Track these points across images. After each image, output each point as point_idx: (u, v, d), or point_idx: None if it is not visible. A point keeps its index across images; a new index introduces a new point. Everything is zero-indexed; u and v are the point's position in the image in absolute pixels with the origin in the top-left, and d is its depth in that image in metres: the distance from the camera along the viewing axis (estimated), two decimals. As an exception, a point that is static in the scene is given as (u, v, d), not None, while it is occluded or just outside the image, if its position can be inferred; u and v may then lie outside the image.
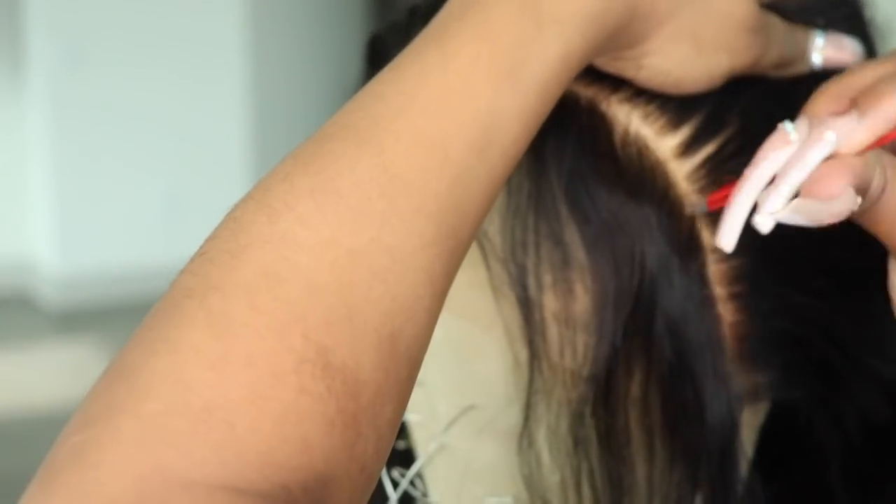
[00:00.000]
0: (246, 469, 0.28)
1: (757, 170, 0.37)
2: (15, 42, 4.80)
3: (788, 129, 0.37)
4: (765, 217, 0.36)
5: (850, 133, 0.36)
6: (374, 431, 0.31)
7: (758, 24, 0.42)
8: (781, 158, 0.37)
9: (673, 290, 0.42)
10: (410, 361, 0.33)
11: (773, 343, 0.44)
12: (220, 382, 0.29)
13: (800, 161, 0.36)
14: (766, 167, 0.37)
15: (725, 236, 0.38)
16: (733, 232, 0.38)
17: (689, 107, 0.43)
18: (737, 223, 0.38)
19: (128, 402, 0.28)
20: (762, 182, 0.37)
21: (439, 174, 0.34)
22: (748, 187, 0.37)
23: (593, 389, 0.43)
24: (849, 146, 0.37)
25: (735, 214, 0.38)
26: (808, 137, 0.36)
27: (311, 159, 0.33)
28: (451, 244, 0.34)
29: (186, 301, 0.30)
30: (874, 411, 0.46)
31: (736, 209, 0.38)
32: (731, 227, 0.38)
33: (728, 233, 0.38)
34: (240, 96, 4.90)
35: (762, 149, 0.38)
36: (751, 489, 0.45)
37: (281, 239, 0.31)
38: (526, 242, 0.43)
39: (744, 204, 0.37)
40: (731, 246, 0.38)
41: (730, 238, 0.38)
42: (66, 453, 0.28)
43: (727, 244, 0.38)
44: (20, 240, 4.95)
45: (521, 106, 0.36)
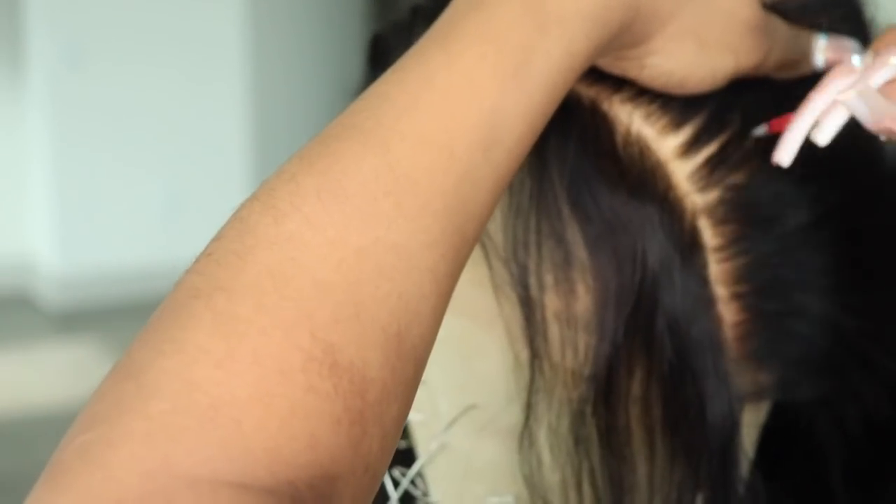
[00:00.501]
0: (252, 465, 0.28)
1: (821, 93, 0.38)
2: (15, 42, 4.80)
3: (855, 60, 0.38)
4: (825, 130, 0.37)
5: None
6: (380, 430, 0.31)
7: (761, 25, 0.42)
8: (846, 84, 0.38)
9: (674, 289, 0.42)
10: (416, 360, 0.33)
11: (776, 342, 0.44)
12: (226, 381, 0.29)
13: (864, 80, 0.37)
14: (830, 91, 0.38)
15: (783, 152, 0.39)
16: (792, 148, 0.39)
17: (691, 107, 0.43)
18: (796, 140, 0.39)
19: (135, 402, 0.29)
20: (824, 105, 0.38)
21: (445, 173, 0.34)
22: (812, 107, 0.38)
23: (594, 388, 0.43)
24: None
25: (796, 131, 0.38)
26: (874, 61, 0.37)
27: (316, 159, 0.33)
28: (456, 243, 0.34)
29: (193, 301, 0.31)
30: (876, 411, 0.46)
31: (798, 127, 0.38)
32: (791, 142, 0.39)
33: (786, 148, 0.39)
34: (240, 96, 4.90)
35: (827, 76, 0.38)
36: (752, 488, 0.45)
37: (287, 239, 0.31)
38: (528, 242, 0.43)
39: (804, 122, 0.38)
40: (789, 160, 0.39)
41: (787, 154, 0.39)
42: (74, 452, 0.28)
43: (784, 159, 0.39)
44: (20, 240, 4.95)
45: (526, 105, 0.36)
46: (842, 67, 0.38)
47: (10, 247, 4.95)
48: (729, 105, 0.43)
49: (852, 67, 0.38)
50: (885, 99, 0.36)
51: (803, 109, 0.38)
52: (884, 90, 0.37)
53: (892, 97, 0.36)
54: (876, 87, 0.37)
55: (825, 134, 0.37)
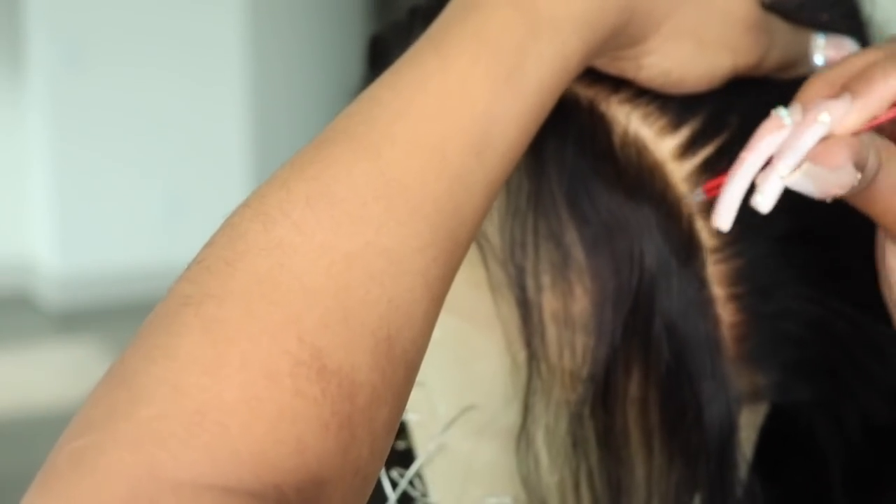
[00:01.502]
0: (238, 469, 0.28)
1: (752, 153, 0.38)
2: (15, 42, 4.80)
3: (782, 115, 0.38)
4: (765, 195, 0.37)
5: (844, 116, 0.37)
6: (370, 434, 0.31)
7: (759, 23, 0.42)
8: (776, 142, 0.37)
9: (672, 290, 0.42)
10: (407, 364, 0.33)
11: (773, 344, 0.44)
12: (213, 385, 0.29)
13: (796, 142, 0.37)
14: (761, 150, 0.38)
15: (722, 216, 0.38)
16: (729, 211, 0.38)
17: (689, 108, 0.43)
18: (733, 202, 0.38)
19: (125, 408, 0.29)
20: (757, 165, 0.38)
21: (437, 177, 0.34)
22: (744, 169, 0.38)
23: (592, 390, 0.43)
24: (842, 128, 0.37)
25: (731, 194, 0.38)
26: (803, 120, 0.37)
27: (307, 165, 0.34)
28: (448, 247, 0.34)
29: (183, 309, 0.31)
30: (874, 413, 0.46)
31: (732, 189, 0.38)
32: (728, 206, 0.38)
33: (724, 213, 0.38)
34: (240, 96, 4.90)
35: (756, 133, 0.38)
36: (750, 490, 0.45)
37: (277, 246, 0.32)
38: (525, 243, 0.43)
39: (739, 184, 0.38)
40: (728, 225, 0.38)
41: (726, 218, 0.38)
42: (65, 458, 0.28)
43: (724, 224, 0.38)
44: (20, 240, 4.95)
45: (520, 109, 0.36)
46: (770, 123, 0.38)
47: (10, 247, 4.95)
48: (727, 106, 0.43)
49: (781, 122, 0.37)
50: (828, 171, 0.36)
51: (737, 170, 0.38)
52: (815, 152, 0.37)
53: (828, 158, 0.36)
54: (808, 147, 0.37)
55: (767, 201, 0.37)
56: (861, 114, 0.37)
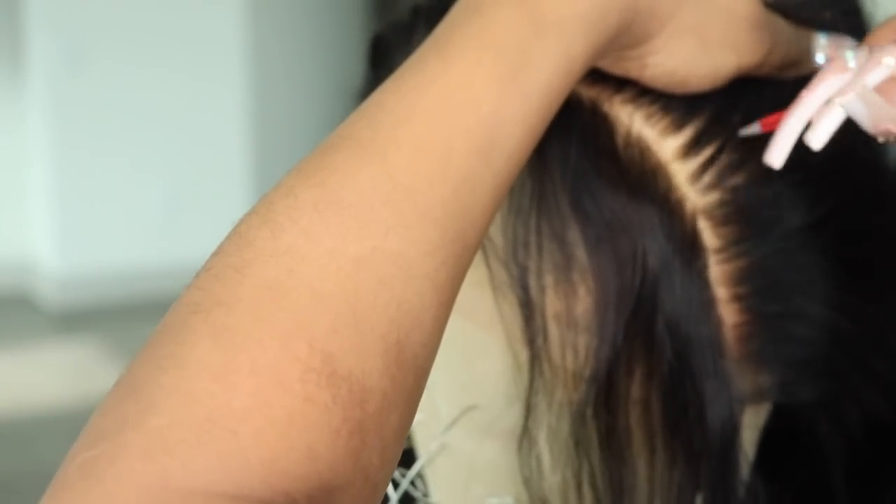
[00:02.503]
0: (249, 477, 0.28)
1: (813, 92, 0.37)
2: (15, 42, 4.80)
3: (848, 56, 0.37)
4: (818, 133, 0.36)
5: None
6: (380, 440, 0.31)
7: (762, 22, 0.42)
8: (837, 84, 0.37)
9: (674, 290, 0.42)
10: (417, 369, 0.33)
11: (776, 344, 0.44)
12: (223, 393, 0.29)
13: (858, 81, 0.36)
14: (822, 90, 0.37)
15: (775, 153, 0.38)
16: (784, 149, 0.38)
17: (692, 108, 0.43)
18: (788, 140, 0.38)
19: (135, 418, 0.29)
20: (816, 104, 0.37)
21: (443, 179, 0.34)
22: (802, 107, 0.37)
23: (594, 390, 0.43)
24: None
25: (787, 131, 0.38)
26: (867, 62, 0.36)
27: (313, 171, 0.33)
28: (457, 249, 0.34)
29: (192, 317, 0.31)
30: (876, 413, 0.46)
31: (788, 126, 0.38)
32: (783, 143, 0.38)
33: (778, 150, 0.38)
34: (240, 96, 4.90)
35: (819, 74, 0.38)
36: (752, 490, 0.45)
37: (285, 252, 0.31)
38: (528, 243, 0.43)
39: (796, 122, 0.38)
40: (781, 162, 0.38)
41: (779, 155, 0.38)
42: (75, 469, 0.28)
43: (777, 160, 0.38)
44: (20, 240, 4.95)
45: (525, 110, 0.36)
46: (834, 65, 0.37)
47: (10, 247, 4.95)
48: (730, 106, 0.43)
49: (845, 65, 0.37)
50: (883, 101, 0.35)
51: (795, 108, 0.38)
52: (879, 90, 0.36)
53: (889, 98, 0.35)
54: (870, 87, 0.36)
55: (820, 136, 0.36)
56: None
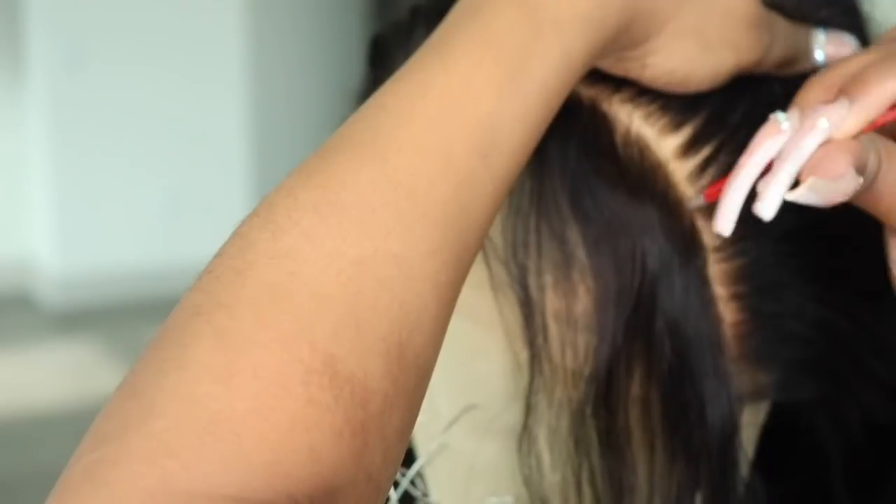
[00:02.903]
0: (251, 479, 0.28)
1: (752, 157, 0.38)
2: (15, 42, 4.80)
3: (781, 119, 0.38)
4: (765, 203, 0.37)
5: (842, 120, 0.37)
6: (382, 441, 0.31)
7: (760, 21, 0.42)
8: (775, 147, 0.37)
9: (674, 289, 0.42)
10: (419, 370, 0.33)
11: (775, 343, 0.44)
12: (226, 395, 0.29)
13: (796, 148, 0.37)
14: (760, 155, 0.38)
15: (722, 221, 0.38)
16: (730, 217, 0.38)
17: (691, 107, 0.43)
18: (733, 208, 0.38)
19: (138, 420, 0.29)
20: (757, 170, 0.38)
21: (443, 180, 0.34)
22: (744, 174, 0.38)
23: (594, 389, 0.43)
24: (842, 132, 0.37)
25: (731, 199, 0.38)
26: (802, 126, 0.37)
27: (314, 173, 0.34)
28: (457, 250, 0.34)
29: (194, 319, 0.31)
30: (876, 411, 0.46)
31: (731, 195, 0.38)
32: (728, 212, 0.38)
33: (725, 218, 0.38)
34: (240, 96, 4.90)
35: (755, 139, 0.38)
36: (751, 489, 0.45)
37: (286, 254, 0.32)
38: (527, 242, 0.43)
39: (740, 189, 0.38)
40: (729, 230, 0.38)
41: (727, 223, 0.38)
42: (79, 472, 0.28)
43: (724, 228, 0.38)
44: (20, 240, 4.95)
45: (524, 110, 0.36)
46: (768, 128, 0.38)
47: (10, 247, 4.95)
48: (728, 105, 0.43)
49: (779, 127, 0.38)
50: (831, 182, 0.36)
51: (736, 175, 0.38)
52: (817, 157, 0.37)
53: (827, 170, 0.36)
54: (809, 153, 0.37)
55: (769, 208, 0.37)
56: (859, 117, 0.37)
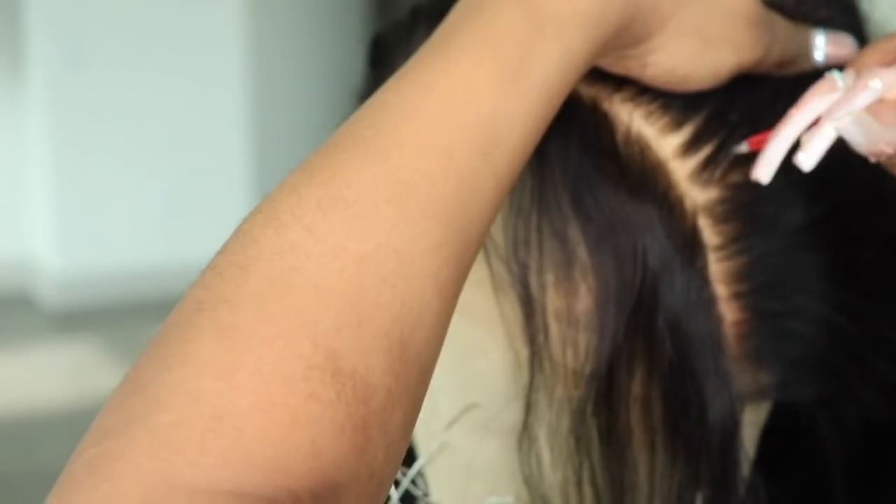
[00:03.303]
0: (253, 474, 0.28)
1: (801, 111, 0.38)
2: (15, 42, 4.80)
3: (836, 77, 0.38)
4: (809, 155, 0.37)
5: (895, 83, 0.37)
6: (385, 437, 0.31)
7: (761, 19, 0.42)
8: (825, 103, 0.37)
9: (675, 288, 0.42)
10: (421, 366, 0.33)
11: (776, 342, 0.44)
12: (228, 391, 0.29)
13: (847, 103, 0.37)
14: (810, 109, 0.38)
15: (763, 168, 0.38)
16: (771, 165, 0.38)
17: (692, 106, 0.43)
18: (776, 156, 0.38)
19: (141, 415, 0.29)
20: (805, 123, 0.38)
21: (445, 177, 0.34)
22: (791, 125, 0.38)
23: (595, 388, 0.43)
24: (894, 94, 0.37)
25: (775, 147, 0.38)
26: (855, 84, 0.37)
27: (317, 170, 0.34)
28: (459, 247, 0.34)
29: (197, 315, 0.31)
30: (876, 411, 0.46)
31: (776, 143, 0.38)
32: (770, 160, 0.38)
33: (766, 165, 0.38)
34: (240, 96, 4.90)
35: (808, 94, 0.38)
36: (752, 488, 0.45)
37: (289, 250, 0.32)
38: (528, 241, 0.43)
39: (784, 140, 0.38)
40: (768, 178, 0.38)
41: (767, 171, 0.38)
42: (81, 466, 0.28)
43: (764, 176, 0.38)
44: (20, 240, 4.95)
45: (525, 108, 0.36)
46: (823, 85, 0.38)
47: (10, 247, 4.95)
48: (729, 104, 0.43)
49: (834, 85, 0.37)
50: (878, 124, 0.36)
51: (784, 126, 0.38)
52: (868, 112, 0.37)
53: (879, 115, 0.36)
54: (858, 108, 0.37)
55: (811, 157, 0.36)
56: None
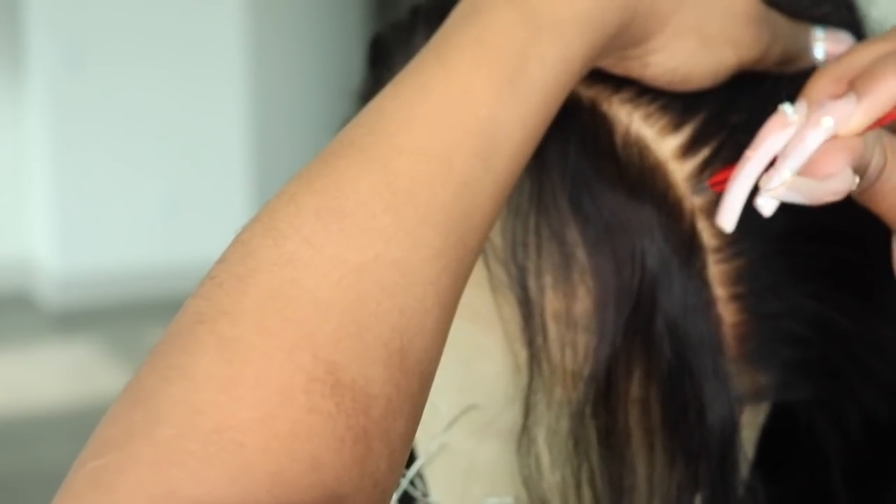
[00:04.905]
0: (255, 489, 0.28)
1: (757, 151, 0.38)
2: (15, 42, 4.80)
3: (788, 112, 0.37)
4: (766, 198, 0.37)
5: (848, 116, 0.37)
6: (387, 447, 0.31)
7: (760, 17, 0.42)
8: (781, 141, 0.37)
9: (673, 290, 0.42)
10: (421, 375, 0.33)
11: (774, 343, 0.44)
12: (229, 404, 0.29)
13: (799, 144, 0.37)
14: (766, 149, 0.38)
15: (726, 215, 0.38)
16: (733, 211, 0.38)
17: (691, 108, 0.43)
18: (737, 202, 0.38)
19: (143, 428, 0.29)
20: (762, 163, 0.38)
21: (444, 184, 0.34)
22: (748, 168, 0.38)
23: (593, 389, 0.43)
24: (847, 129, 0.37)
25: (735, 194, 0.38)
26: (807, 122, 0.37)
27: (315, 179, 0.34)
28: (458, 254, 0.34)
29: (197, 327, 0.31)
30: (875, 412, 0.46)
31: (736, 189, 0.38)
32: (732, 206, 0.38)
33: (728, 212, 0.38)
34: (240, 96, 4.90)
35: (762, 131, 0.38)
36: (751, 489, 0.45)
37: (288, 261, 0.32)
38: (527, 243, 0.43)
39: (744, 184, 0.38)
40: (732, 225, 0.38)
41: (730, 217, 0.38)
42: (83, 478, 0.28)
43: (727, 223, 0.38)
44: (20, 240, 4.95)
45: (523, 112, 0.36)
46: (775, 120, 0.38)
47: (10, 247, 4.95)
48: (727, 105, 0.43)
49: (786, 120, 0.37)
50: (817, 181, 0.36)
51: (741, 170, 0.38)
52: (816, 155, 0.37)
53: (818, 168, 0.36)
54: (811, 150, 0.37)
55: (770, 203, 0.37)
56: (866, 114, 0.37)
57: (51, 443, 3.16)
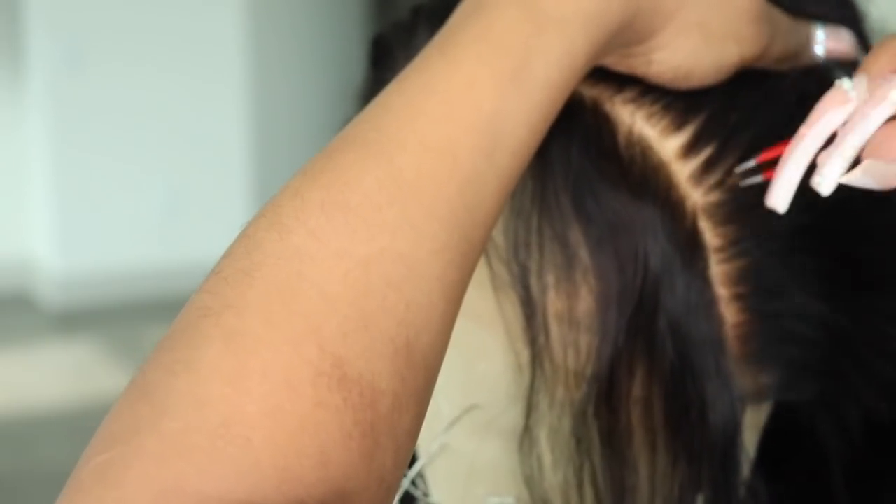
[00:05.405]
0: (262, 483, 0.28)
1: (813, 129, 0.36)
2: (15, 42, 4.80)
3: (846, 87, 0.36)
4: (827, 179, 0.35)
5: None
6: (393, 441, 0.31)
7: (762, 13, 0.42)
8: (839, 118, 0.36)
9: (675, 290, 0.42)
10: (427, 369, 0.33)
11: (777, 343, 0.44)
12: (236, 397, 0.29)
13: (862, 120, 0.35)
14: (822, 126, 0.36)
15: (778, 196, 0.36)
16: (787, 192, 0.36)
17: (692, 106, 0.43)
18: (791, 183, 0.36)
19: (149, 422, 0.29)
20: (819, 141, 0.36)
21: (448, 179, 0.34)
22: (804, 146, 0.36)
23: (596, 389, 0.43)
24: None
25: (789, 173, 0.36)
26: (870, 97, 0.35)
27: (320, 173, 0.34)
28: (463, 249, 0.34)
29: (203, 320, 0.31)
30: (877, 412, 0.46)
31: (790, 168, 0.36)
32: (785, 186, 0.36)
33: (781, 192, 0.36)
34: (240, 96, 4.90)
35: (818, 107, 0.36)
36: (753, 489, 0.45)
37: (294, 254, 0.32)
38: (529, 243, 0.43)
39: (799, 163, 0.36)
40: (785, 206, 0.37)
41: (783, 198, 0.36)
42: (90, 473, 0.28)
43: (781, 204, 0.36)
44: (20, 240, 4.95)
45: (527, 108, 0.36)
46: (833, 97, 0.36)
47: (10, 247, 4.95)
48: (729, 104, 0.43)
49: (845, 96, 0.36)
50: (889, 163, 0.34)
51: (797, 147, 0.36)
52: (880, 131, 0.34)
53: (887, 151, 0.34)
54: (875, 127, 0.35)
55: (829, 181, 0.34)
56: None
57: (51, 443, 3.16)
